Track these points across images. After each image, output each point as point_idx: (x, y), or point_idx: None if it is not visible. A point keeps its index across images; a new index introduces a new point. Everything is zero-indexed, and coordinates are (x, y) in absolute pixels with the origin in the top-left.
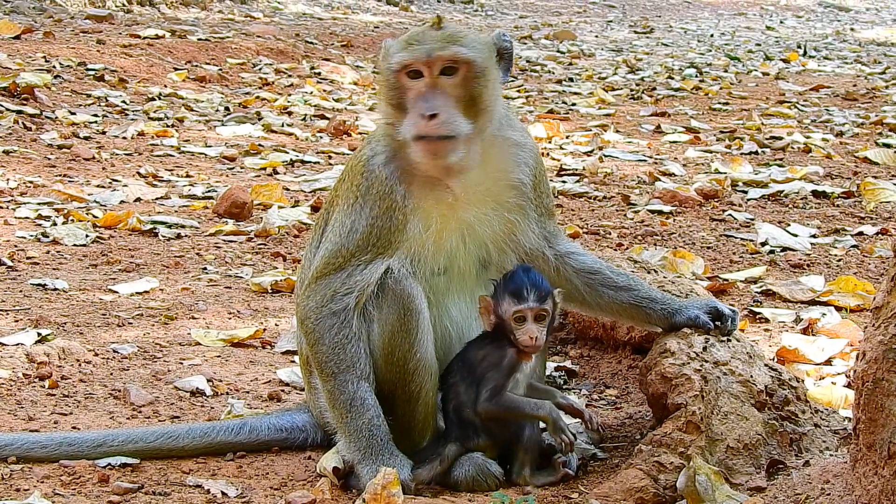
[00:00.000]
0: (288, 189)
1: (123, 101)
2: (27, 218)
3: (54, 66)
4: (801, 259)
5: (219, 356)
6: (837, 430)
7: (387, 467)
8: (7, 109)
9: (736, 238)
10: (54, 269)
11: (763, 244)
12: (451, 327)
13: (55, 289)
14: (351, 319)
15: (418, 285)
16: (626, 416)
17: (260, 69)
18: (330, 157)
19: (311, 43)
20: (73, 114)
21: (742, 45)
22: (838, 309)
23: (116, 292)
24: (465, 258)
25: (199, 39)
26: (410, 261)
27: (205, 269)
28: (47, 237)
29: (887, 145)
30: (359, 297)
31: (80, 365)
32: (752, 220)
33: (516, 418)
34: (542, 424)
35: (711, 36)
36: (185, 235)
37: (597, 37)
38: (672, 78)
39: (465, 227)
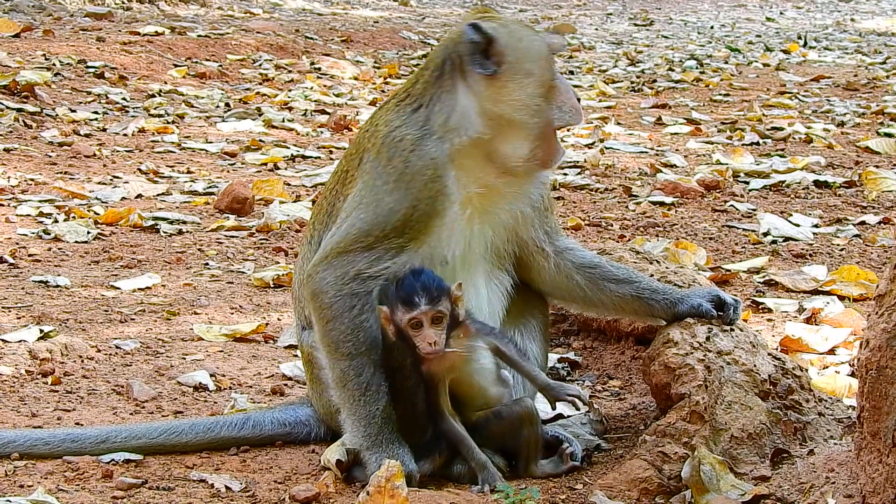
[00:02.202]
0: (289, 184)
1: (124, 98)
2: (28, 215)
3: (54, 64)
4: (803, 249)
5: (221, 351)
6: (841, 419)
7: (392, 459)
8: (7, 107)
9: (738, 228)
10: (56, 265)
11: (765, 234)
12: None
13: (57, 285)
14: (373, 303)
15: None
16: (630, 407)
17: (260, 65)
18: (331, 152)
19: (311, 38)
20: (74, 111)
21: (742, 37)
22: (841, 298)
23: (118, 288)
24: (478, 246)
25: (199, 36)
26: (432, 249)
27: (207, 264)
28: (49, 234)
29: (888, 135)
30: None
31: (82, 361)
32: (754, 210)
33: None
34: (541, 419)
35: (711, 28)
36: (187, 231)
37: (597, 29)
38: (672, 70)
39: (488, 216)
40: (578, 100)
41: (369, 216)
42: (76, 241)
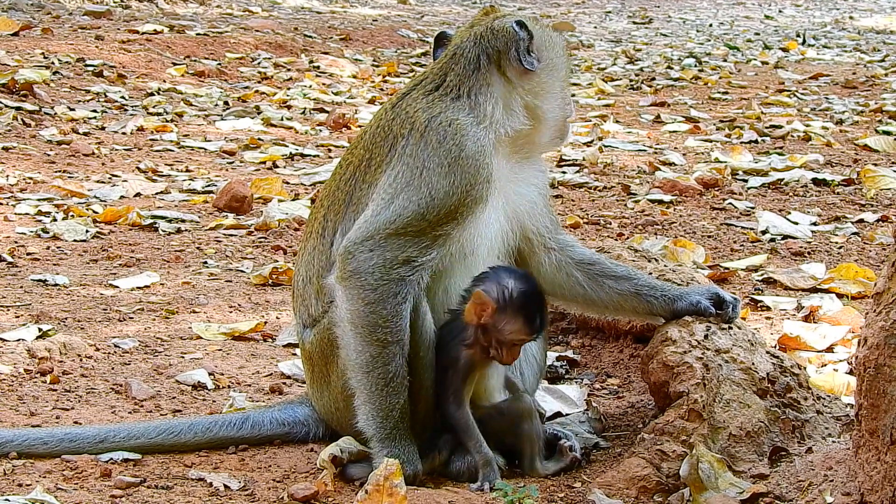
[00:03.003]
0: (288, 182)
1: (122, 97)
2: (27, 214)
3: (53, 63)
4: (801, 247)
5: (220, 350)
6: (840, 417)
7: (401, 455)
8: (6, 106)
9: (736, 227)
10: (55, 264)
11: (764, 232)
12: None
13: (56, 284)
14: (415, 293)
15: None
16: (629, 405)
17: (259, 63)
18: (330, 151)
19: (310, 37)
20: (73, 110)
21: (741, 35)
22: (839, 296)
23: (117, 287)
24: (498, 238)
25: (198, 34)
26: (470, 239)
27: (205, 263)
28: (47, 233)
29: (887, 133)
30: (425, 277)
31: (81, 360)
32: (753, 208)
33: (460, 436)
34: (540, 414)
35: (710, 25)
36: (186, 230)
37: (595, 28)
38: (671, 68)
39: (507, 205)
40: None
41: (424, 198)
42: (75, 240)
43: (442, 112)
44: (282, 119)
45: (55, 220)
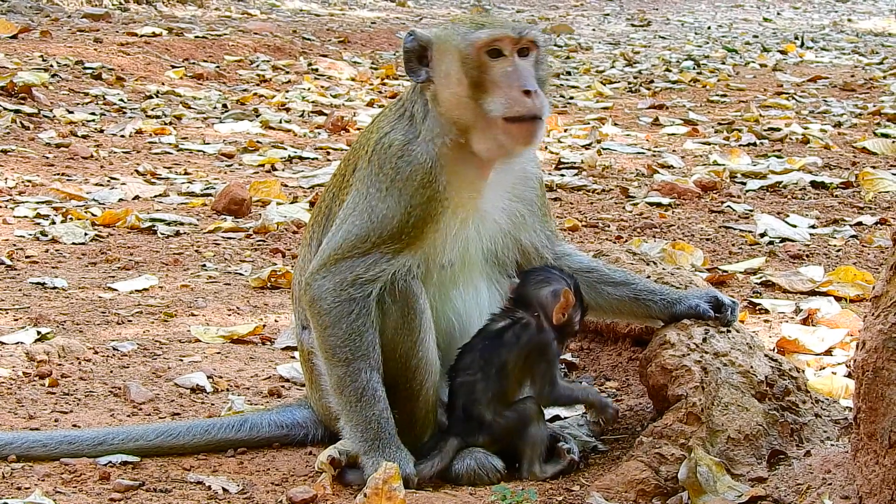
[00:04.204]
0: (286, 185)
1: (121, 100)
2: (26, 217)
3: (52, 65)
4: (800, 250)
5: (219, 353)
6: (838, 420)
7: (389, 461)
8: (5, 109)
9: (735, 229)
10: (53, 267)
11: (762, 235)
12: (454, 319)
13: (54, 287)
14: (370, 307)
15: (421, 284)
16: (627, 408)
17: (257, 66)
18: (328, 154)
19: (309, 39)
20: (71, 112)
21: (739, 37)
22: (838, 299)
23: (116, 290)
24: (476, 250)
25: (197, 37)
26: (430, 253)
27: (204, 266)
28: (46, 236)
29: (885, 135)
30: (381, 287)
31: (80, 363)
32: (751, 211)
33: (569, 405)
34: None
35: (709, 28)
36: (184, 233)
37: (594, 30)
38: (670, 70)
39: (483, 218)
40: (528, 92)
41: (364, 223)
42: (73, 243)
43: (387, 133)
44: (280, 122)
45: (54, 222)
